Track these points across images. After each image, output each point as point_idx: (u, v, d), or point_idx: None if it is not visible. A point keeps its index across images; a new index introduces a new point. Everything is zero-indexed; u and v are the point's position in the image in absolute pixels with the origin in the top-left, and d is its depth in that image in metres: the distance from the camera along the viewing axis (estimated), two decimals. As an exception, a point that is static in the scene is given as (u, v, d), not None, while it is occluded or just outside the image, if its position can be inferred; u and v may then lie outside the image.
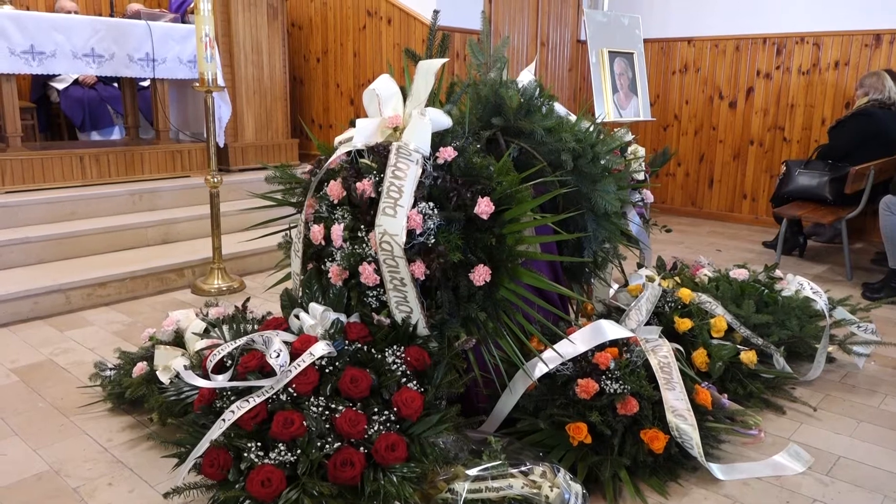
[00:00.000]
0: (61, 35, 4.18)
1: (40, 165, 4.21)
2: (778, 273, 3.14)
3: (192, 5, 5.21)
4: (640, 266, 3.20)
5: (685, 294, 2.74)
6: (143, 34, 4.53)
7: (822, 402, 2.59)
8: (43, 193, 4.09)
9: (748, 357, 2.53)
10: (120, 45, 4.43)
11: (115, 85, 5.81)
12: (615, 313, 2.71)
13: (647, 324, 2.53)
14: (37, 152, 4.24)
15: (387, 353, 1.92)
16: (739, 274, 3.08)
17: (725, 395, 2.39)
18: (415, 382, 1.88)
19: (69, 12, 5.67)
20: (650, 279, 2.86)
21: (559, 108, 2.66)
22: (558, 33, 6.34)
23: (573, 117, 2.66)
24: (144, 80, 5.04)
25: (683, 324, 2.59)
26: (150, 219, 4.22)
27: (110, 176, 4.51)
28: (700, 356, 2.50)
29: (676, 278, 3.10)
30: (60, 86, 5.73)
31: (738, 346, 2.59)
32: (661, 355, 2.22)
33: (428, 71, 2.14)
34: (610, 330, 2.23)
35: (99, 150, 4.48)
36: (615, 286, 3.04)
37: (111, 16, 4.90)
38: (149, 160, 4.69)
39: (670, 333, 2.56)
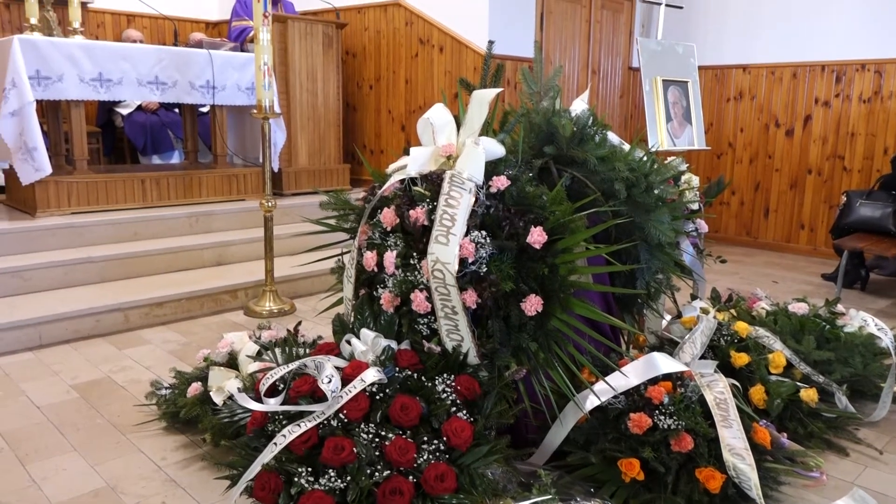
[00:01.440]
0: (128, 63, 4.36)
1: (104, 188, 4.37)
2: (840, 308, 3.04)
3: (251, 34, 5.39)
4: (693, 297, 3.13)
5: (742, 328, 2.67)
6: (205, 62, 4.69)
7: (889, 444, 2.48)
8: (106, 215, 4.24)
9: (809, 395, 2.45)
10: (182, 72, 4.59)
11: (176, 111, 6.02)
12: (668, 346, 2.65)
13: (702, 357, 2.47)
14: (101, 175, 4.41)
15: (437, 382, 1.92)
16: (799, 308, 2.98)
17: (785, 435, 2.31)
18: (465, 412, 1.88)
19: (135, 41, 5.93)
20: (705, 311, 2.80)
21: (612, 137, 2.64)
22: (609, 61, 6.32)
23: (627, 146, 2.64)
24: (204, 106, 5.21)
25: (740, 358, 2.52)
26: (206, 241, 4.33)
27: (170, 198, 4.65)
28: (758, 393, 2.42)
29: (732, 311, 3.02)
30: (125, 111, 5.97)
31: (798, 384, 2.50)
32: (718, 391, 2.16)
33: (482, 100, 2.16)
34: (663, 363, 2.18)
35: (159, 174, 4.64)
36: (668, 317, 2.98)
37: (175, 44, 5.09)
38: (206, 184, 4.83)
39: (726, 368, 2.49)
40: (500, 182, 2.04)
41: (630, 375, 2.14)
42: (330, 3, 5.73)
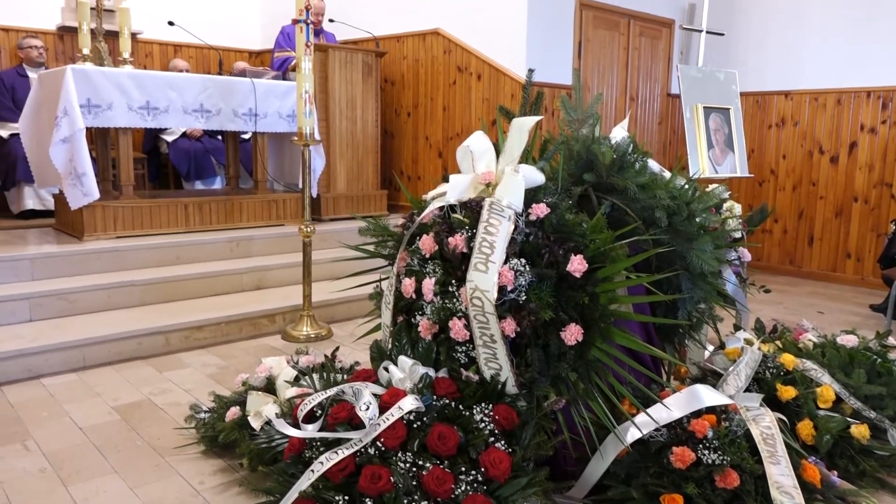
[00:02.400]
0: (174, 92, 4.48)
1: (149, 212, 4.48)
2: (891, 341, 2.93)
3: (293, 63, 5.51)
4: (737, 328, 3.06)
5: (788, 360, 2.59)
6: (248, 91, 4.80)
7: (946, 484, 2.37)
8: (150, 239, 4.34)
9: (860, 431, 2.36)
10: (226, 100, 4.71)
11: (219, 137, 6.16)
12: (711, 377, 2.59)
13: (747, 390, 2.41)
14: (146, 200, 4.52)
15: (475, 411, 1.90)
16: (848, 340, 2.89)
17: (835, 473, 2.22)
18: (502, 442, 1.85)
19: (181, 70, 6.10)
20: (749, 342, 2.73)
21: (653, 165, 2.62)
22: (648, 87, 6.29)
23: (667, 174, 2.60)
24: (246, 133, 5.32)
25: (787, 392, 2.44)
26: (245, 265, 4.39)
27: (211, 223, 4.74)
28: (806, 428, 2.34)
29: (777, 342, 2.94)
30: (170, 138, 6.13)
31: (849, 419, 2.41)
32: (764, 425, 2.09)
33: (522, 128, 2.16)
34: (707, 395, 2.13)
35: (202, 199, 4.73)
36: (710, 348, 2.91)
37: (219, 73, 5.22)
38: (247, 209, 4.91)
39: (772, 402, 2.42)
40: (540, 210, 2.02)
41: (672, 408, 2.09)
42: (370, 33, 5.83)
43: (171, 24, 5.25)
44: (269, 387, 2.52)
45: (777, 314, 4.52)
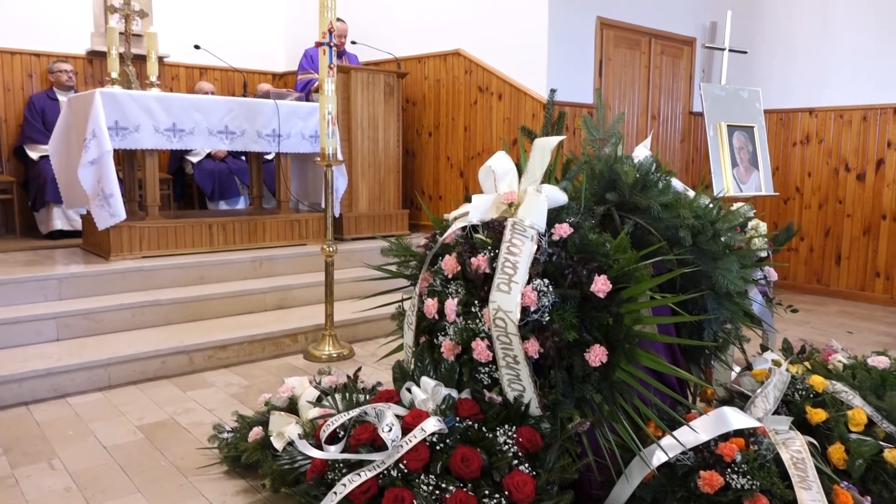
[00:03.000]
0: (200, 114, 4.56)
1: (174, 233, 4.53)
2: (924, 362, 2.86)
3: (316, 85, 5.57)
4: (764, 349, 3.01)
5: (817, 382, 2.53)
6: (271, 112, 4.86)
7: (985, 512, 2.29)
8: (174, 258, 4.39)
9: (894, 455, 2.29)
10: (250, 122, 4.77)
11: (243, 158, 6.24)
12: (738, 399, 2.54)
13: (776, 413, 2.36)
14: (171, 220, 4.58)
15: (498, 433, 1.88)
16: (879, 361, 2.82)
17: (868, 498, 2.16)
18: (526, 465, 1.83)
19: (207, 93, 6.21)
20: (776, 364, 2.68)
21: (676, 184, 2.60)
22: (669, 105, 6.27)
23: (691, 192, 2.58)
24: (269, 153, 5.38)
25: (817, 415, 2.38)
26: (268, 284, 4.42)
27: (235, 243, 4.78)
28: (837, 452, 2.29)
29: (806, 363, 2.88)
30: (195, 159, 6.22)
31: (882, 443, 2.34)
32: (794, 449, 2.05)
33: (544, 148, 2.16)
34: (735, 418, 2.09)
35: (226, 219, 4.78)
36: (737, 369, 2.87)
37: (244, 95, 5.30)
38: (270, 228, 4.95)
39: (802, 425, 2.36)
40: (563, 230, 2.02)
41: (699, 430, 2.05)
42: (391, 54, 5.89)
43: (196, 47, 5.35)
44: (292, 407, 2.52)
45: (805, 334, 4.44)
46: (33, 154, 5.63)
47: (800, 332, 4.48)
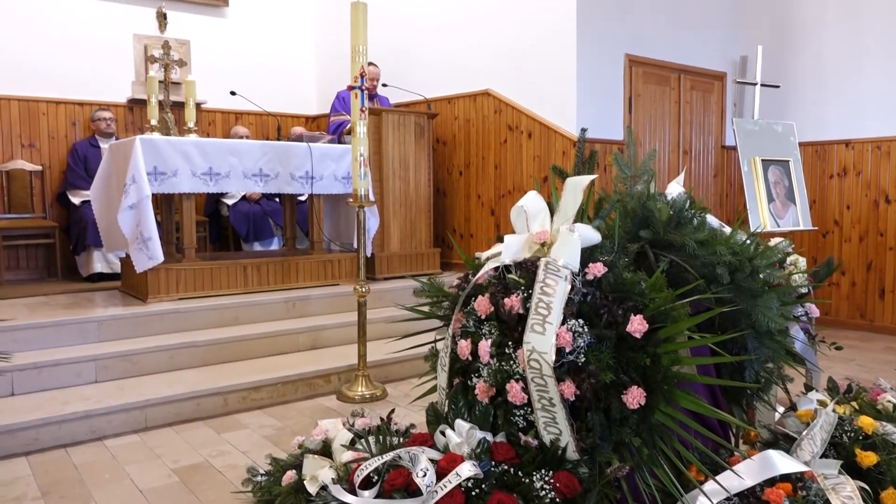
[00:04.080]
0: (235, 158, 4.66)
1: (209, 274, 4.60)
2: (979, 401, 2.74)
3: (348, 127, 5.67)
4: (808, 388, 2.91)
5: (866, 423, 2.44)
6: (304, 154, 4.95)
7: None
8: (210, 300, 4.45)
9: (951, 501, 2.18)
10: (284, 164, 4.86)
11: (277, 199, 6.34)
12: (783, 442, 2.46)
13: (823, 456, 2.27)
14: (207, 262, 4.65)
15: (535, 478, 1.84)
16: (930, 401, 2.71)
17: (927, 547, 2.06)
18: (565, 511, 1.78)
19: (242, 137, 6.35)
20: (822, 404, 2.59)
21: (712, 220, 2.56)
22: (701, 140, 6.23)
23: (727, 229, 2.54)
24: (303, 195, 5.46)
25: (867, 458, 2.29)
26: (301, 325, 4.44)
27: (269, 284, 4.83)
28: (891, 497, 2.19)
29: (853, 403, 2.78)
30: (230, 202, 6.35)
31: (938, 488, 2.24)
32: (845, 495, 1.97)
33: (576, 187, 2.15)
34: (781, 462, 2.02)
35: (260, 261, 4.84)
36: (780, 410, 2.78)
37: (277, 138, 5.42)
38: (303, 269, 5.00)
39: (851, 468, 2.27)
40: (597, 269, 1.99)
41: (744, 475, 1.98)
42: (422, 95, 5.98)
43: (232, 93, 5.50)
44: (326, 450, 2.50)
45: (850, 372, 4.30)
46: (75, 199, 5.80)
47: (845, 371, 4.34)
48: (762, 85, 5.30)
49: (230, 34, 7.07)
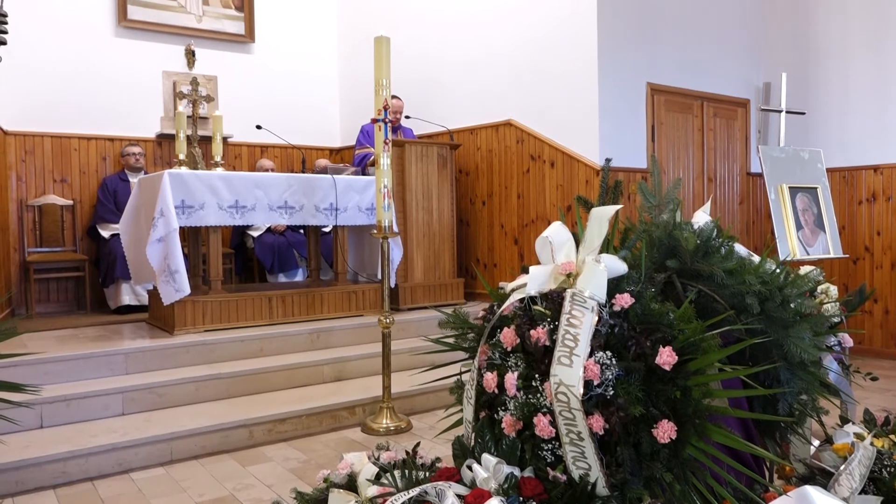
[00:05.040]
0: (261, 191, 4.72)
1: (235, 306, 4.63)
2: None
3: (372, 159, 5.72)
4: (844, 420, 2.83)
5: (907, 457, 2.36)
6: (329, 187, 5.00)
7: None
8: (235, 332, 4.47)
9: None
10: (308, 197, 4.91)
11: (301, 231, 6.39)
12: (820, 476, 2.38)
13: (863, 492, 2.20)
14: (232, 294, 4.69)
15: (564, 514, 1.80)
16: (973, 434, 2.62)
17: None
18: (595, 550, 1.73)
19: (267, 169, 6.44)
20: (859, 437, 2.51)
21: (740, 249, 2.53)
22: (726, 167, 6.19)
23: (756, 258, 2.51)
24: (327, 226, 5.51)
25: (909, 494, 2.21)
26: (326, 356, 4.45)
27: (294, 315, 4.86)
28: (935, 535, 2.11)
29: (892, 436, 2.69)
30: (256, 233, 6.41)
31: (985, 526, 2.15)
32: (887, 533, 1.89)
33: (601, 218, 2.13)
34: (819, 498, 1.94)
35: (284, 292, 4.87)
36: (816, 443, 2.70)
37: (302, 171, 5.48)
38: (327, 300, 5.02)
39: (892, 504, 2.20)
40: (624, 300, 1.97)
41: (780, 512, 1.92)
42: (444, 127, 6.03)
43: (258, 127, 5.59)
44: (351, 484, 2.48)
45: (887, 402, 4.18)
46: (105, 233, 5.90)
47: (881, 401, 4.22)
48: (787, 112, 5.27)
49: (256, 69, 7.22)
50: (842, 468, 2.27)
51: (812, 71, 6.17)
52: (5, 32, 5.01)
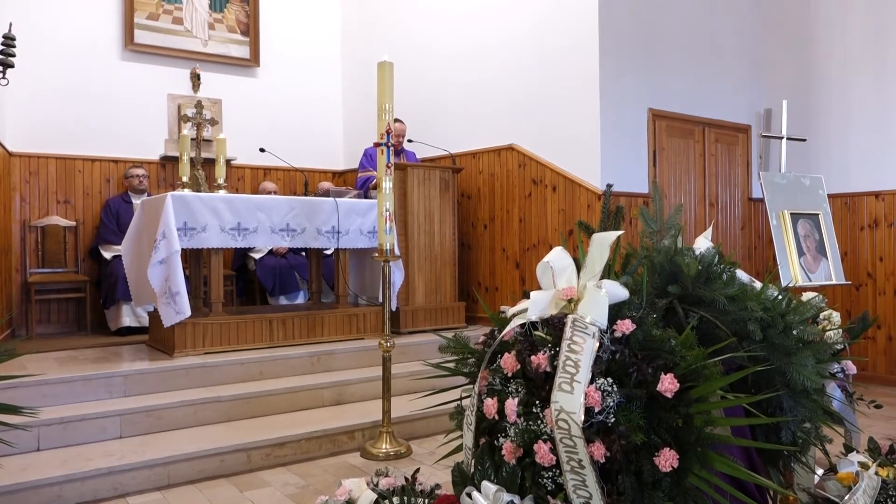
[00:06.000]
0: (263, 213, 4.73)
1: (236, 328, 4.62)
2: None
3: (374, 182, 5.74)
4: (848, 449, 2.80)
5: (912, 487, 2.33)
6: (331, 209, 5.01)
7: None
8: (235, 354, 4.45)
9: None
10: (311, 220, 4.92)
11: (303, 253, 6.40)
12: (824, 506, 2.36)
13: (868, 522, 2.17)
14: (233, 317, 4.68)
15: (564, 544, 1.77)
16: (979, 463, 2.59)
17: None
18: (596, 580, 1.71)
19: (270, 192, 6.46)
20: (864, 466, 2.49)
21: (742, 275, 2.52)
22: (728, 192, 6.20)
23: (758, 284, 2.50)
24: (328, 248, 5.51)
25: (915, 525, 2.18)
26: (326, 380, 4.42)
27: (294, 338, 4.84)
28: (942, 568, 2.07)
29: (896, 465, 2.66)
30: (257, 256, 6.42)
31: None
32: (893, 566, 1.86)
33: (603, 243, 2.13)
34: (823, 529, 1.92)
35: (285, 315, 4.86)
36: (820, 472, 2.67)
37: (305, 194, 5.49)
38: (328, 323, 5.00)
39: (899, 536, 2.17)
40: (625, 326, 1.96)
41: (784, 543, 1.89)
42: (447, 151, 6.06)
43: (262, 150, 5.62)
44: (349, 510, 2.45)
45: (892, 431, 4.14)
46: (107, 254, 5.91)
47: (885, 429, 4.18)
48: (788, 138, 5.29)
49: (260, 93, 7.28)
50: (846, 498, 2.25)
51: (813, 98, 6.21)
52: (13, 56, 5.07)
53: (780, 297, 2.38)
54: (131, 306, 5.51)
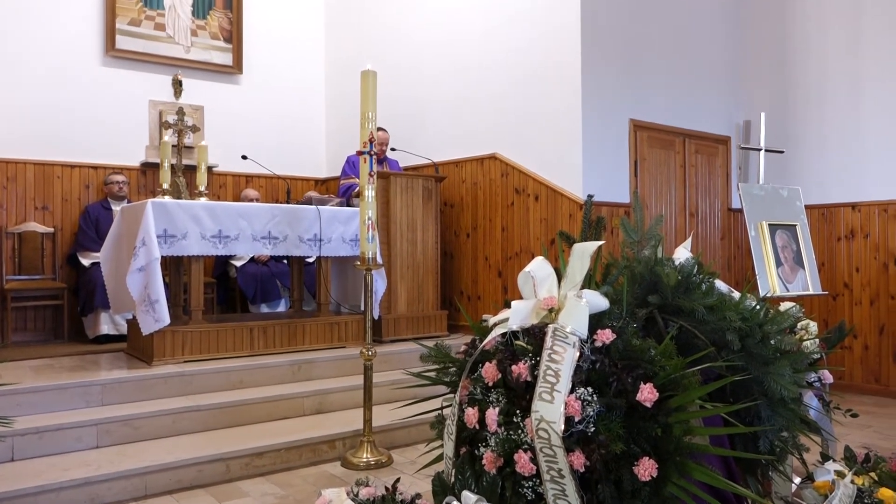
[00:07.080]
0: (245, 221, 4.70)
1: (216, 337, 4.58)
2: None
3: (357, 190, 5.73)
4: (824, 458, 2.83)
5: (887, 495, 2.36)
6: (313, 217, 4.99)
7: None
8: (215, 363, 4.41)
9: (981, 581, 2.09)
10: (293, 227, 4.90)
11: (285, 261, 6.36)
12: (801, 515, 2.38)
13: (844, 531, 2.19)
14: (213, 325, 4.64)
15: (544, 554, 1.77)
16: (953, 472, 2.63)
17: None
18: (576, 590, 1.71)
19: (252, 200, 6.43)
20: (840, 475, 2.51)
21: (721, 285, 2.55)
22: (707, 203, 6.27)
23: (736, 294, 2.53)
24: (310, 256, 5.49)
25: (890, 533, 2.21)
26: (306, 389, 4.39)
27: (275, 346, 4.80)
28: (916, 576, 2.10)
29: (872, 474, 2.69)
30: (239, 263, 6.37)
31: (966, 566, 2.15)
32: (868, 574, 1.88)
33: (584, 253, 2.15)
34: (800, 538, 1.94)
35: (266, 323, 4.83)
36: (797, 480, 2.70)
37: (287, 201, 5.47)
38: (309, 331, 4.97)
39: (874, 544, 2.19)
40: (605, 336, 1.97)
41: (762, 552, 1.91)
42: (429, 159, 6.07)
43: (244, 157, 5.60)
44: (329, 521, 2.43)
45: (868, 439, 4.19)
46: (85, 261, 5.84)
47: (862, 438, 4.23)
48: (766, 150, 5.37)
49: (243, 100, 7.25)
50: (823, 507, 2.26)
51: (790, 110, 6.31)
52: (-9, 59, 5.01)
53: (758, 307, 2.41)
54: (109, 314, 5.44)
